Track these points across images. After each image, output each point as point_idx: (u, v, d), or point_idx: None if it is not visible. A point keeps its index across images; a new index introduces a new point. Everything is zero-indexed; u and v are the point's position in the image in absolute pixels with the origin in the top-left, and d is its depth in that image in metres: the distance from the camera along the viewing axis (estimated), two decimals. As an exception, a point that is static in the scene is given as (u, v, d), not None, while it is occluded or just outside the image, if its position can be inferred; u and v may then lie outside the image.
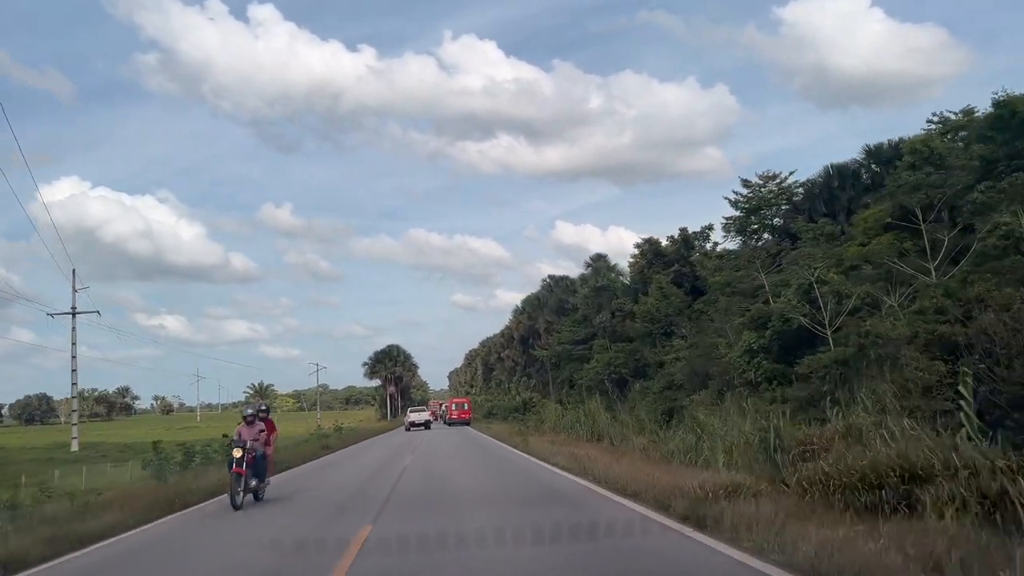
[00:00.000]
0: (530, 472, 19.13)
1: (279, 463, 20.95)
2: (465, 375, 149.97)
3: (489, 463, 23.26)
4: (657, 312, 45.49)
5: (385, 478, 19.39)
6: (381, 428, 62.24)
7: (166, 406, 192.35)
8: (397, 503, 13.97)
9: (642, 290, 53.73)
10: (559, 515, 10.50)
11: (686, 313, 45.81)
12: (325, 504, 14.45)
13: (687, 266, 48.98)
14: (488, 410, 61.79)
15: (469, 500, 13.80)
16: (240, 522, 12.56)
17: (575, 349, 58.57)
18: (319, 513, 13.14)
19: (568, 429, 29.99)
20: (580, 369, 57.35)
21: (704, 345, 35.77)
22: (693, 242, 49.77)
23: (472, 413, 60.03)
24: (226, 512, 13.43)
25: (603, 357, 52.06)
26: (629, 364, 49.57)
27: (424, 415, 58.61)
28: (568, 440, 26.02)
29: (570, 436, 27.81)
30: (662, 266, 50.70)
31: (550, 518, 10.15)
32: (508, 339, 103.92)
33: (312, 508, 14.02)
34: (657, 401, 40.55)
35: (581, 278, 70.45)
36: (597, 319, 56.18)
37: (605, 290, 58.36)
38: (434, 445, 34.30)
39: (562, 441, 25.85)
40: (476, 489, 15.67)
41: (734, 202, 46.27)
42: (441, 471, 20.92)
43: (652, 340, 46.03)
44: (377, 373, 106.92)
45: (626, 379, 50.38)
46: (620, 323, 54.71)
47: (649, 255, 51.36)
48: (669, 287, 46.61)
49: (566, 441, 25.83)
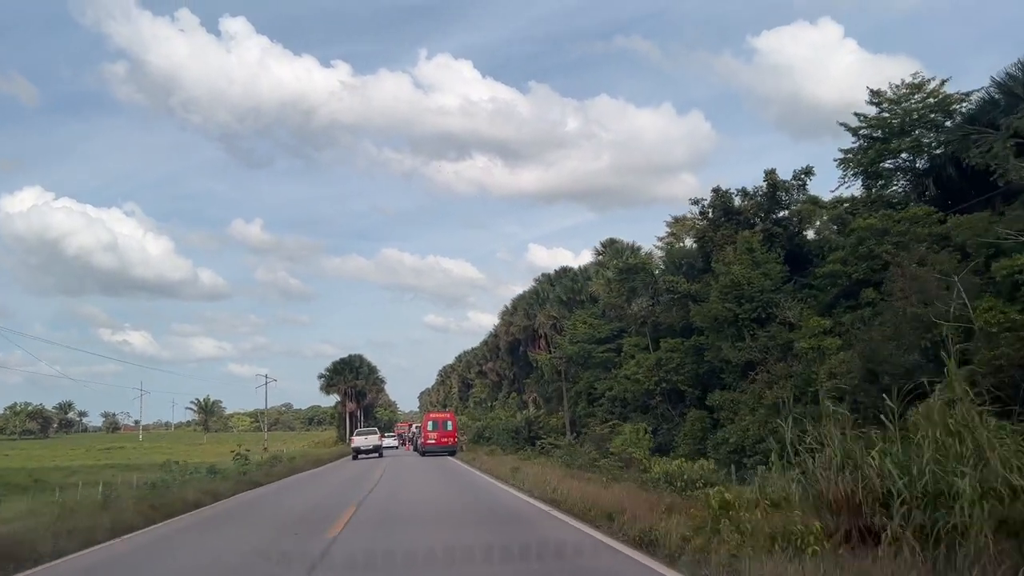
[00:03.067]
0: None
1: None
2: (438, 394, 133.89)
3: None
4: (748, 287, 29.81)
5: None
6: (329, 455, 45.40)
7: (112, 423, 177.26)
8: None
9: (699, 265, 38.15)
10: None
11: (786, 290, 30.28)
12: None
13: (779, 225, 33.55)
14: (478, 433, 45.41)
15: None
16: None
17: (596, 350, 42.63)
18: None
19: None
20: (605, 377, 41.43)
21: (896, 321, 19.97)
22: (783, 194, 34.33)
23: (458, 437, 42.81)
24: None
25: (646, 359, 36.22)
26: (689, 367, 33.78)
27: (373, 439, 45.21)
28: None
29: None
30: (734, 228, 35.18)
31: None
32: (492, 349, 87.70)
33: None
34: (764, 420, 24.92)
35: (597, 264, 54.75)
36: (632, 307, 40.34)
37: (638, 270, 42.58)
38: (389, 513, 17.55)
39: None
40: None
41: (856, 129, 31.03)
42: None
43: (736, 329, 30.32)
44: (335, 386, 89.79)
45: (680, 390, 34.53)
46: (668, 312, 38.98)
47: (717, 212, 35.76)
48: (763, 251, 31.01)
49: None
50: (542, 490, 13.95)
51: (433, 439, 39.72)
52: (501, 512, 12.99)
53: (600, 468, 15.39)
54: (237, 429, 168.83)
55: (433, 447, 39.64)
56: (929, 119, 28.84)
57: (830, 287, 27.75)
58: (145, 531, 12.54)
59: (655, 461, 16.39)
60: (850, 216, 29.80)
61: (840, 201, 31.57)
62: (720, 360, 31.17)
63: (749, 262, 30.54)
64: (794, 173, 34.23)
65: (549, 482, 13.92)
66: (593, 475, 14.83)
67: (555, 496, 12.90)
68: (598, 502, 10.71)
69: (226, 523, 13.65)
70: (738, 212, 35.50)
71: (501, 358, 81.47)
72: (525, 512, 12.51)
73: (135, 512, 13.51)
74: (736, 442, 26.24)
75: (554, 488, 13.37)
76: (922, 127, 28.75)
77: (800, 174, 34.13)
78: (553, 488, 13.44)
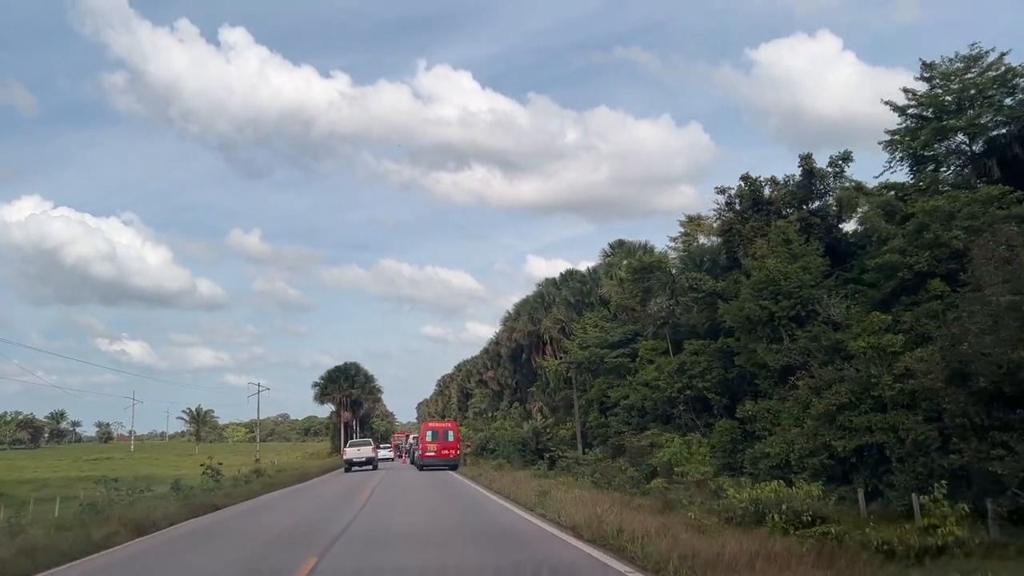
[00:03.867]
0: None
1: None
2: (436, 405, 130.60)
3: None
4: (785, 282, 26.62)
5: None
6: (318, 468, 41.99)
7: (105, 433, 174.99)
8: None
9: (723, 262, 35.00)
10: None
11: (827, 284, 27.09)
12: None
13: (816, 215, 30.41)
14: (481, 444, 41.87)
15: None
16: None
17: (609, 355, 39.40)
18: None
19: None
20: (619, 384, 38.18)
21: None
22: (819, 182, 31.20)
23: (461, 449, 38.97)
24: None
25: (667, 363, 32.98)
26: (716, 372, 30.53)
27: (366, 451, 43.30)
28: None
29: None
30: (764, 219, 32.07)
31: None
32: (493, 357, 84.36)
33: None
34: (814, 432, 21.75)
35: (606, 265, 51.60)
36: (650, 306, 37.12)
37: (654, 269, 39.36)
38: (378, 541, 14.03)
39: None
40: None
41: (903, 108, 27.96)
42: None
43: (772, 329, 27.10)
44: (329, 395, 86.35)
45: (706, 397, 31.27)
46: (689, 312, 35.78)
47: (745, 202, 32.63)
48: (801, 243, 27.87)
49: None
50: (597, 529, 9.83)
51: (432, 451, 35.89)
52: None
53: (651, 492, 12.05)
54: (232, 440, 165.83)
55: (432, 460, 35.74)
56: (988, 96, 25.74)
57: (884, 280, 24.55)
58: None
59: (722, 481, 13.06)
60: (899, 202, 26.67)
61: (887, 187, 28.43)
62: (753, 364, 27.91)
63: (786, 255, 27.36)
64: (830, 159, 31.15)
65: (603, 519, 9.94)
66: (644, 501, 11.55)
67: (624, 542, 8.88)
68: (713, 559, 6.98)
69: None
70: (768, 202, 32.36)
71: (503, 366, 78.08)
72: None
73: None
74: (779, 456, 22.94)
75: (617, 528, 9.32)
76: (981, 104, 25.63)
77: (837, 160, 31.02)
78: (616, 528, 9.41)
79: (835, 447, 21.01)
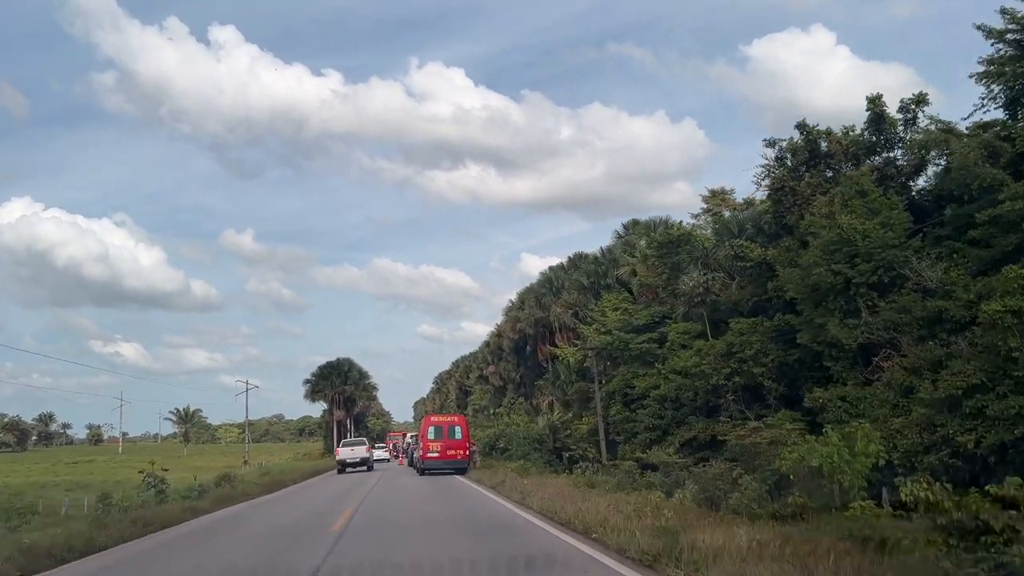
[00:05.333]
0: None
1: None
2: (433, 403, 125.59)
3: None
4: (864, 241, 21.74)
5: None
6: (304, 471, 36.91)
7: (96, 435, 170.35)
8: None
9: (770, 229, 30.15)
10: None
11: (913, 245, 22.25)
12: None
13: (892, 166, 25.59)
14: (490, 443, 36.63)
15: None
16: None
17: (635, 340, 34.48)
18: None
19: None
20: (646, 373, 33.28)
21: None
22: (890, 129, 26.34)
23: (471, 448, 32.66)
24: None
25: (710, 347, 28.08)
26: (773, 355, 25.69)
27: (360, 451, 40.42)
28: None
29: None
30: (823, 175, 27.25)
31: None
32: (495, 351, 79.45)
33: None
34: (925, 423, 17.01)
35: (623, 244, 46.68)
36: (680, 283, 32.22)
37: (683, 243, 34.49)
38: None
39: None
40: None
41: (1001, 32, 23.08)
42: None
43: (846, 300, 22.22)
44: (321, 393, 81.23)
45: (758, 384, 26.42)
46: (727, 289, 30.94)
47: (799, 156, 27.73)
48: (880, 195, 23.02)
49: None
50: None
51: (436, 452, 29.22)
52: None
53: (839, 519, 7.34)
54: (225, 440, 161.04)
55: (436, 463, 29.18)
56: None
57: (999, 236, 19.69)
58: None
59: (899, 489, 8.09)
60: (1004, 143, 21.83)
61: (981, 127, 23.55)
62: (821, 343, 23.05)
63: (862, 210, 22.50)
64: (902, 103, 26.30)
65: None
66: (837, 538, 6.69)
67: None
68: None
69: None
70: (828, 155, 27.50)
71: (505, 359, 73.16)
72: None
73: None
74: (875, 455, 18.06)
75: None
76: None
77: (910, 104, 26.18)
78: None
79: (961, 442, 16.17)
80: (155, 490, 18.34)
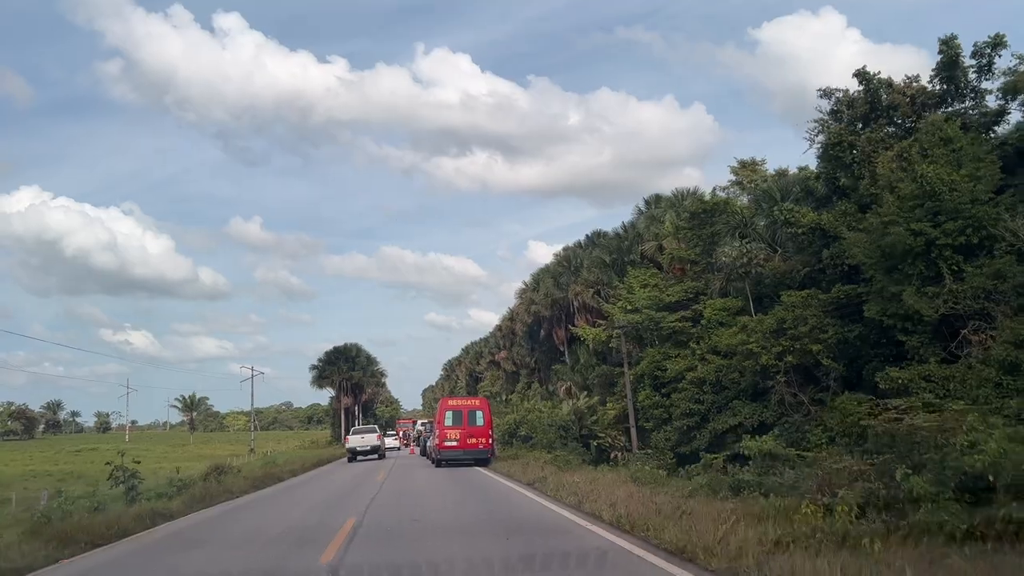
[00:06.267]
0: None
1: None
2: (442, 390, 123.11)
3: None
4: (950, 195, 18.71)
5: None
6: (306, 462, 34.15)
7: (104, 423, 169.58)
8: None
9: (820, 191, 27.12)
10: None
11: (1003, 201, 19.24)
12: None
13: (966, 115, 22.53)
14: (509, 431, 33.46)
15: None
16: None
17: (667, 319, 31.58)
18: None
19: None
20: (679, 354, 30.44)
21: None
22: (963, 76, 23.24)
23: (493, 435, 28.76)
24: None
25: (757, 323, 25.11)
26: (833, 331, 22.72)
27: (371, 438, 38.40)
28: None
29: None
30: (882, 132, 24.18)
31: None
32: (507, 335, 76.69)
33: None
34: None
35: (648, 219, 43.67)
36: (719, 255, 29.29)
37: (716, 213, 31.50)
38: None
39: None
40: None
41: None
42: None
43: (927, 263, 19.22)
44: (328, 379, 78.68)
45: (814, 364, 23.50)
46: (770, 259, 27.99)
47: (859, 108, 24.64)
48: (968, 141, 19.97)
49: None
50: None
51: (454, 440, 25.67)
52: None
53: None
54: (233, 428, 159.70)
55: (454, 452, 25.77)
56: None
57: None
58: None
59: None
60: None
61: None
62: (893, 316, 20.06)
63: (948, 159, 19.46)
64: (975, 47, 23.21)
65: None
66: None
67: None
68: None
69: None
70: (891, 107, 24.42)
71: (519, 344, 70.36)
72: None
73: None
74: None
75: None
76: None
77: (983, 48, 23.10)
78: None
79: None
80: (125, 486, 15.54)
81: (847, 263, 23.16)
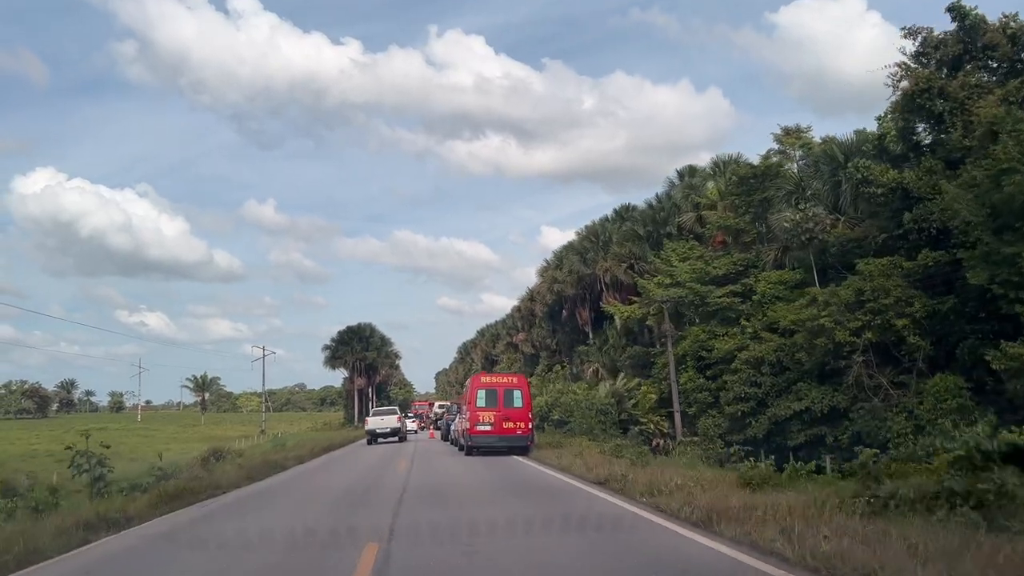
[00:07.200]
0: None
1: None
2: (457, 373, 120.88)
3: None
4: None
5: None
6: (320, 444, 31.56)
7: (117, 403, 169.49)
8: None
9: (896, 149, 24.01)
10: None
11: None
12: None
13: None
14: (542, 415, 30.56)
15: None
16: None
17: (714, 294, 28.68)
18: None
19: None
20: (728, 333, 27.54)
21: None
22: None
23: (533, 419, 24.33)
24: None
25: (829, 295, 22.14)
26: (920, 304, 19.76)
27: (391, 420, 36.47)
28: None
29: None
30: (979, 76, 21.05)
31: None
32: (526, 316, 73.97)
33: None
34: None
35: (686, 188, 40.59)
36: (780, 220, 26.30)
37: (768, 178, 28.50)
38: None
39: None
40: None
41: None
42: None
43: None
44: (341, 359, 76.35)
45: (900, 341, 20.51)
46: (834, 225, 24.98)
47: (950, 48, 21.51)
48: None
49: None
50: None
51: (488, 423, 21.30)
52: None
53: None
54: (246, 409, 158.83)
55: (488, 438, 21.42)
56: None
57: None
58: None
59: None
60: None
61: None
62: (1006, 283, 17.08)
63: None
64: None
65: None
66: None
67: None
68: None
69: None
70: (989, 47, 21.26)
71: (539, 325, 67.59)
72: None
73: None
74: None
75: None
76: None
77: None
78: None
79: None
80: (89, 475, 12.92)
81: (934, 226, 20.18)
